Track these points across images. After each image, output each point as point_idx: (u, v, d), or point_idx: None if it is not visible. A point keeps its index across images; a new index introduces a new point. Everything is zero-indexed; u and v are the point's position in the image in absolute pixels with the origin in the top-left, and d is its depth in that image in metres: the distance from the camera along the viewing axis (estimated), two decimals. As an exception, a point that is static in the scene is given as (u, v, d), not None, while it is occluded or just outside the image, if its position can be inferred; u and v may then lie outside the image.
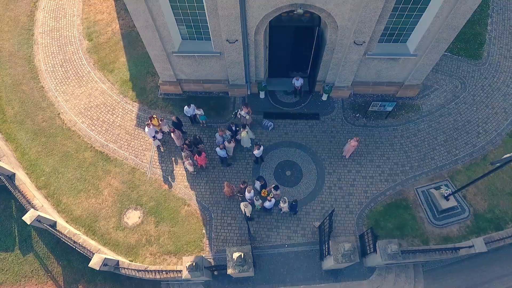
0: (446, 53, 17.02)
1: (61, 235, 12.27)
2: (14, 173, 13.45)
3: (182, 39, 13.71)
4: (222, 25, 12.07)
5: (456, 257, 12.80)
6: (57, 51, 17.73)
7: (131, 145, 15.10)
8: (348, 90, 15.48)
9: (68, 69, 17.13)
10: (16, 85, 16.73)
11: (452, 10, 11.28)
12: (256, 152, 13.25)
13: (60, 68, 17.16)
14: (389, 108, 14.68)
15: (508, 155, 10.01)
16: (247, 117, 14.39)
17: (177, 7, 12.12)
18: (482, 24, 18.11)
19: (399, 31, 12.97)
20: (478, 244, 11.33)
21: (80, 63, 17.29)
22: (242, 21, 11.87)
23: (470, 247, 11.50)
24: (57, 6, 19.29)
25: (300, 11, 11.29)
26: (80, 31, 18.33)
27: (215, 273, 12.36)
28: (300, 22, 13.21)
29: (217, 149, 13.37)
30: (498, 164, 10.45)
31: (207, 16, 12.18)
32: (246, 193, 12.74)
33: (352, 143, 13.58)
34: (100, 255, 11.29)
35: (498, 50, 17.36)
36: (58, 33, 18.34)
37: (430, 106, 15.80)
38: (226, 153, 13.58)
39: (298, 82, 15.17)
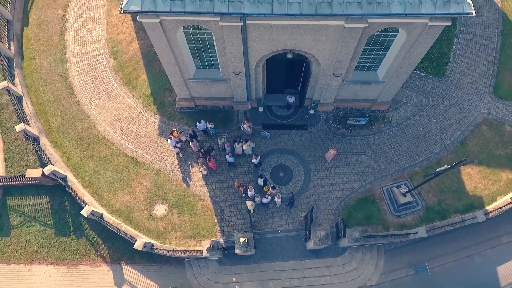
0: (415, 71, 20.30)
1: (107, 224, 16.13)
2: (66, 176, 17.15)
3: (196, 68, 17.00)
4: (229, 62, 15.39)
5: (409, 240, 16.72)
6: (88, 69, 20.96)
7: (155, 151, 18.71)
8: (331, 106, 18.94)
9: (99, 85, 20.45)
10: (57, 99, 20.11)
11: (408, 53, 14.58)
12: (254, 160, 16.92)
13: (91, 84, 20.48)
14: (363, 122, 18.22)
15: (439, 168, 13.70)
16: (249, 130, 17.95)
17: (194, 48, 15.39)
18: (448, 43, 21.23)
19: (370, 64, 16.29)
20: (421, 231, 15.23)
21: (108, 79, 20.58)
22: (245, 60, 15.18)
23: (415, 233, 15.40)
24: (83, 26, 22.28)
25: (290, 56, 14.59)
26: (106, 50, 21.46)
27: (225, 252, 16.32)
28: (292, 57, 16.44)
29: (226, 156, 17.04)
30: (431, 176, 14.16)
31: (217, 55, 15.48)
32: (248, 192, 16.50)
33: (331, 152, 17.23)
34: (141, 239, 15.21)
35: (459, 68, 20.62)
36: (86, 52, 21.48)
37: (398, 118, 19.30)
38: (234, 159, 17.24)
39: (291, 99, 18.61)
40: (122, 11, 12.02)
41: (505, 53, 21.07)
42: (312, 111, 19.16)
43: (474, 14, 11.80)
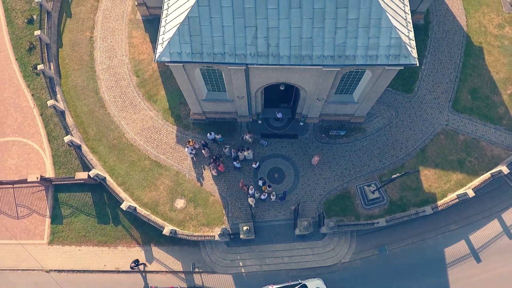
0: (388, 88, 24.32)
1: (140, 215, 20.74)
2: (105, 177, 21.63)
3: (207, 91, 21.14)
4: (234, 89, 19.54)
5: (375, 227, 21.34)
6: (115, 85, 25.06)
7: (174, 156, 23.11)
8: (317, 119, 23.19)
9: (125, 99, 24.61)
10: (91, 112, 24.33)
11: (374, 85, 18.73)
12: (254, 165, 21.36)
13: (119, 99, 24.64)
14: (342, 133, 22.55)
15: (395, 175, 18.13)
16: (250, 140, 22.29)
17: (207, 79, 19.51)
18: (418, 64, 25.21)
19: (347, 90, 20.42)
20: (382, 221, 19.84)
21: (133, 95, 24.72)
22: (247, 88, 19.33)
23: (377, 223, 20.03)
24: (109, 47, 26.19)
25: (282, 88, 18.75)
26: (129, 68, 25.47)
27: (232, 237, 20.99)
28: (283, 88, 20.52)
29: (234, 162, 21.50)
30: (394, 176, 18.59)
31: (225, 85, 19.63)
32: (250, 190, 21.02)
33: (316, 158, 21.64)
34: (168, 227, 19.85)
35: (425, 86, 24.71)
36: (113, 71, 25.51)
37: (372, 129, 23.58)
38: (240, 165, 21.69)
39: (279, 114, 22.84)
40: (156, 61, 16.14)
41: (465, 72, 25.11)
42: (301, 123, 23.43)
43: (417, 64, 15.94)
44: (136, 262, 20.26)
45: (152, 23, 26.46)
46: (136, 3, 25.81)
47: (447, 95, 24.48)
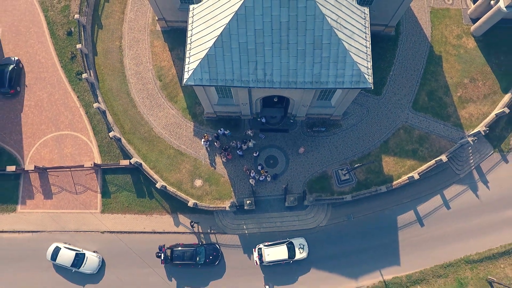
0: (362, 92, 30.48)
1: (169, 191, 27.77)
2: (141, 163, 28.42)
3: (219, 98, 27.35)
4: (240, 99, 25.77)
5: (344, 201, 28.41)
6: (142, 88, 31.12)
7: (192, 146, 29.72)
8: (304, 117, 29.57)
9: (151, 100, 30.78)
10: (125, 111, 30.60)
11: (344, 97, 24.96)
12: (254, 154, 28.10)
13: (147, 100, 30.81)
14: (323, 129, 29.07)
15: (357, 165, 24.90)
16: (251, 134, 28.84)
17: (219, 92, 25.70)
18: (387, 70, 31.06)
19: (325, 98, 26.63)
20: (348, 197, 26.92)
21: (157, 96, 30.85)
22: (249, 98, 25.57)
23: (345, 197, 27.13)
24: (136, 55, 31.90)
25: (275, 100, 25.00)
26: (153, 74, 31.37)
27: (238, 207, 28.16)
28: (276, 100, 26.69)
29: (238, 151, 28.21)
30: (356, 166, 25.39)
31: (233, 96, 25.84)
32: (251, 173, 27.89)
33: (301, 149, 28.34)
34: (191, 201, 26.94)
35: (392, 89, 30.75)
36: (140, 75, 31.43)
37: (347, 125, 30.00)
38: (242, 153, 28.41)
39: (263, 119, 29.09)
40: (184, 85, 22.30)
41: (425, 77, 31.07)
42: (291, 121, 29.84)
43: (372, 88, 22.12)
44: (193, 222, 27.16)
45: (169, 34, 31.98)
46: (156, 18, 31.21)
47: (409, 97, 30.65)
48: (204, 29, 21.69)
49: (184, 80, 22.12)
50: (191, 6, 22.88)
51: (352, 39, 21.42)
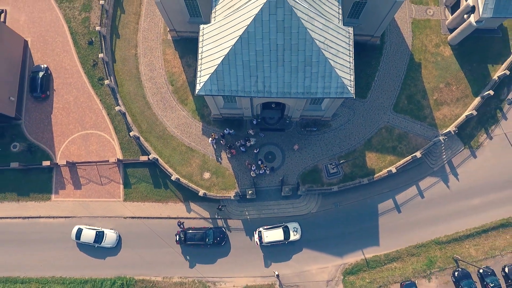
0: (349, 95, 34.65)
1: (182, 183, 32.39)
2: (157, 158, 32.94)
3: (224, 102, 31.64)
4: (243, 104, 30.06)
5: (332, 191, 33.02)
6: (156, 92, 35.34)
7: (201, 144, 34.17)
8: (298, 118, 33.93)
9: (165, 103, 35.05)
10: (142, 112, 34.91)
11: (332, 103, 29.27)
12: (255, 151, 32.62)
13: (160, 103, 35.08)
14: (315, 129, 33.47)
15: (342, 161, 29.44)
16: (252, 133, 33.27)
17: (225, 98, 29.98)
18: (372, 76, 35.20)
19: (316, 103, 30.93)
20: (335, 188, 31.56)
21: (170, 99, 35.11)
22: (251, 104, 29.88)
23: (332, 188, 31.77)
24: (149, 62, 35.98)
25: (273, 106, 29.31)
26: (166, 79, 35.53)
27: (241, 197, 32.82)
28: (274, 106, 30.93)
29: (241, 148, 32.70)
30: (342, 161, 29.93)
31: (237, 102, 30.15)
32: (252, 167, 32.44)
33: (296, 146, 32.82)
34: (202, 191, 31.59)
35: (375, 93, 34.97)
36: (154, 80, 35.60)
37: (336, 125, 34.38)
38: (246, 149, 32.91)
39: (254, 120, 33.47)
40: (196, 94, 26.57)
41: (405, 82, 35.25)
42: (287, 121, 34.22)
43: (354, 97, 26.40)
44: (222, 205, 31.84)
45: (179, 43, 35.99)
46: (168, 30, 35.18)
47: (390, 100, 34.90)
48: (213, 48, 25.84)
49: (196, 91, 26.37)
50: (201, 26, 26.92)
51: (337, 57, 25.60)
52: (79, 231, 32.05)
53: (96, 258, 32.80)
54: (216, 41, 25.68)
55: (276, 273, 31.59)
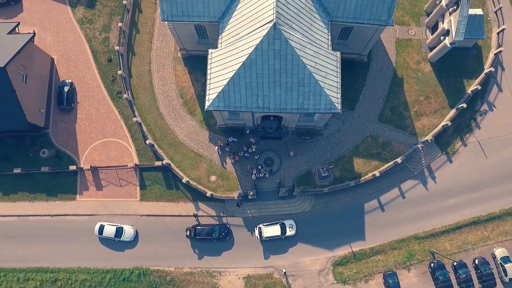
0: (339, 107, 39.12)
1: (192, 185, 36.90)
2: (170, 163, 37.45)
3: (229, 115, 36.11)
4: (245, 117, 34.56)
5: (323, 192, 37.52)
6: (168, 104, 39.81)
7: (208, 150, 38.66)
8: (294, 128, 38.43)
9: (176, 114, 39.51)
10: (155, 122, 39.40)
11: (321, 118, 33.74)
12: (256, 157, 37.13)
13: (172, 113, 39.55)
14: (308, 137, 37.98)
15: (331, 166, 33.94)
16: (253, 141, 37.79)
17: (230, 112, 34.47)
18: (359, 90, 39.64)
19: (309, 116, 35.41)
20: (325, 189, 36.04)
21: (180, 111, 39.58)
22: (252, 117, 34.39)
23: (323, 190, 36.26)
24: (161, 77, 40.44)
25: (272, 118, 33.82)
26: (176, 92, 39.99)
27: (243, 197, 37.30)
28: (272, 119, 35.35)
29: (245, 154, 37.22)
30: (331, 167, 34.43)
31: (240, 115, 34.65)
32: (253, 171, 36.94)
33: (291, 152, 37.33)
34: (209, 192, 36.09)
35: (363, 105, 39.41)
36: (166, 94, 40.08)
37: (327, 134, 38.84)
38: (249, 155, 37.44)
39: (247, 131, 38.00)
40: (205, 110, 31.05)
41: (389, 96, 39.70)
42: (284, 130, 38.74)
43: (340, 113, 30.89)
44: (240, 202, 36.31)
45: (188, 60, 40.43)
46: (178, 48, 39.65)
47: (376, 112, 39.35)
48: (220, 70, 30.32)
49: (206, 107, 30.85)
50: (209, 51, 31.39)
51: (326, 78, 30.09)
52: (101, 227, 36.55)
53: (116, 251, 37.32)
54: (223, 65, 30.17)
55: (284, 271, 36.05)
